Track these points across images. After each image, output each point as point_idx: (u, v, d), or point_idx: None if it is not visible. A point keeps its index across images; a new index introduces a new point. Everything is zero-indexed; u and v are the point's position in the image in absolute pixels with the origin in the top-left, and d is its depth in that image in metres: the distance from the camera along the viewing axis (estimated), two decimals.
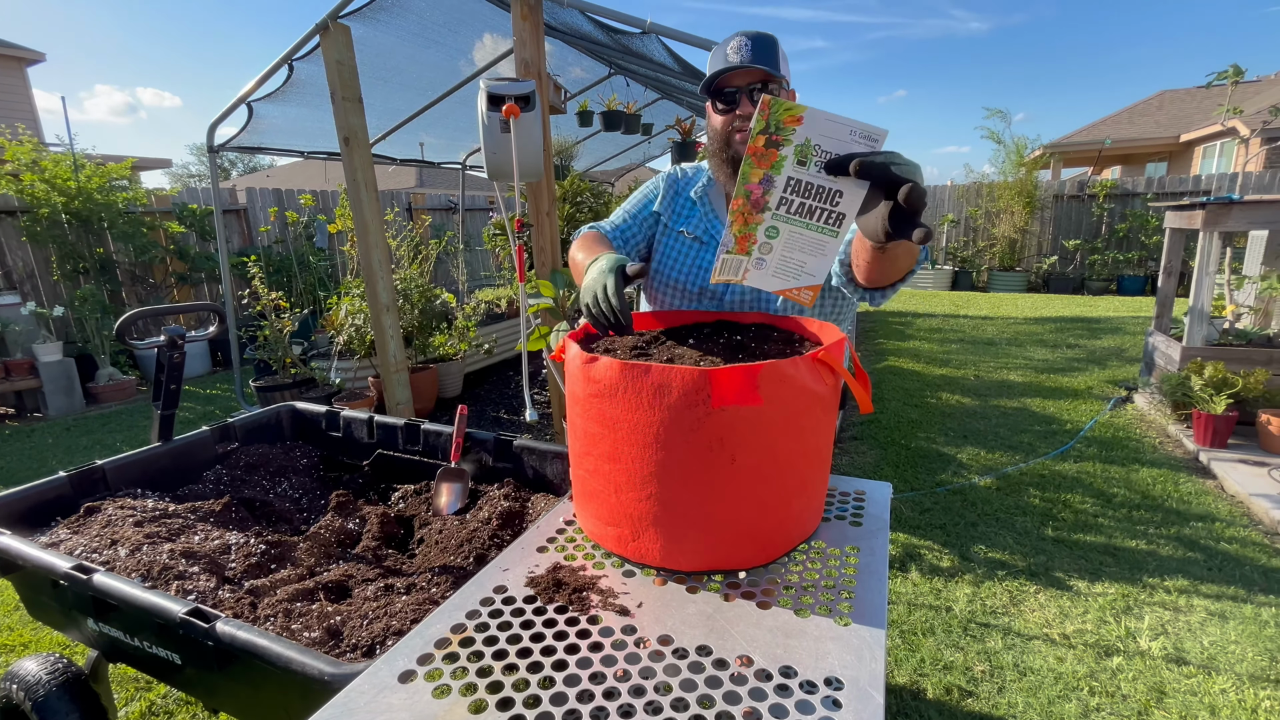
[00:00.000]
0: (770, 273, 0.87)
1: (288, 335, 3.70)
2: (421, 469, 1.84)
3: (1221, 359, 3.22)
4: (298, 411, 2.02)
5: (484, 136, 2.33)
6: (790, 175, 0.78)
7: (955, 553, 2.33)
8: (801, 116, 0.74)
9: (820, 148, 0.76)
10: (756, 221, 0.82)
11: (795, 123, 0.75)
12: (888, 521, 1.10)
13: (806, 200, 0.79)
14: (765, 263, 0.86)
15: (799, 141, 0.76)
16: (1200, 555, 2.25)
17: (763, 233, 0.83)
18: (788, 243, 0.83)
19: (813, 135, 0.75)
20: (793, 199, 0.79)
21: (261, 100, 3.58)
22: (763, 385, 0.87)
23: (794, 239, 0.83)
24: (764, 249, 0.85)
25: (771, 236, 0.83)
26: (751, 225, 0.82)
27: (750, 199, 0.80)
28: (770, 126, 0.75)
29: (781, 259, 0.85)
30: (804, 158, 0.77)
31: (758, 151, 0.77)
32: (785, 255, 0.84)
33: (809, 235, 0.82)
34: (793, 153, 0.77)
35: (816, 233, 0.81)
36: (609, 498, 0.97)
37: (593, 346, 1.11)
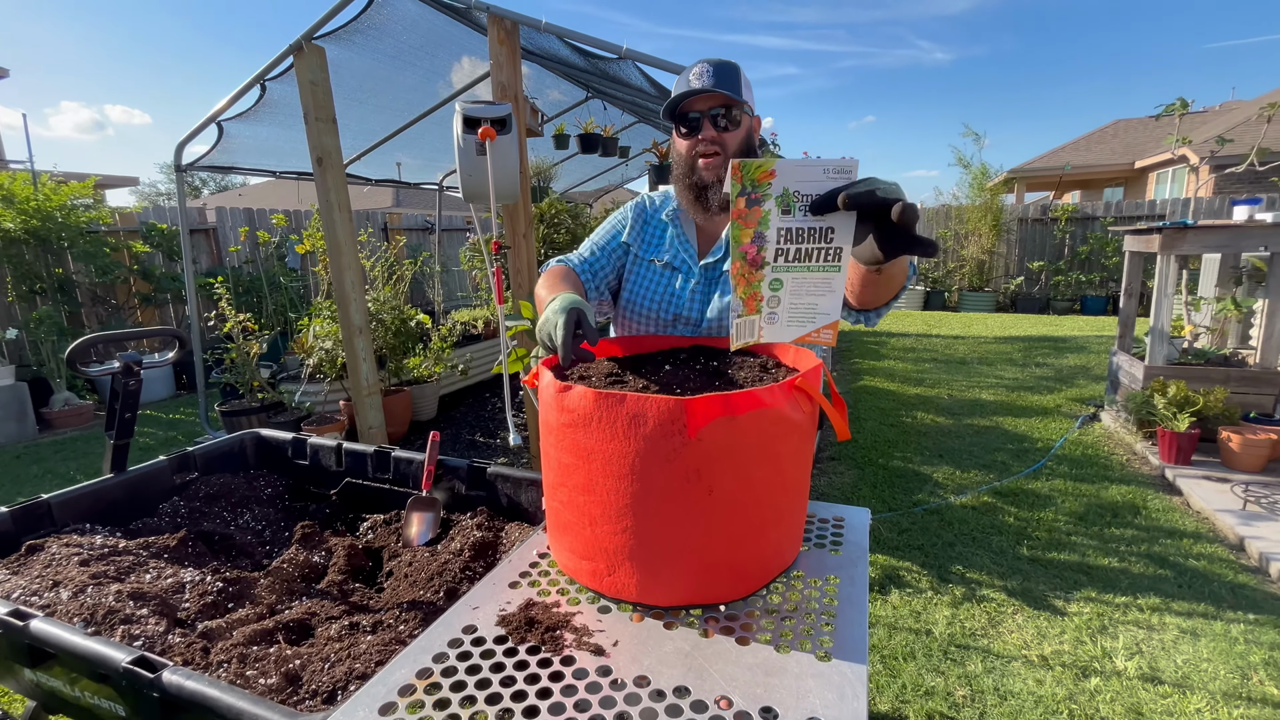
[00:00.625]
0: (784, 324, 0.86)
1: (255, 358, 3.60)
2: (392, 498, 1.78)
3: (1183, 378, 3.32)
4: (263, 439, 1.94)
5: (459, 159, 2.32)
6: (778, 226, 0.79)
7: (934, 574, 2.33)
8: (773, 170, 0.76)
9: (800, 193, 0.77)
10: (758, 279, 0.82)
11: (769, 177, 0.77)
12: (867, 548, 1.09)
13: (801, 245, 0.80)
14: (777, 316, 0.86)
15: (777, 193, 0.77)
16: (1170, 572, 2.29)
17: (767, 288, 0.83)
18: (794, 290, 0.83)
19: (789, 184, 0.77)
20: (788, 247, 0.80)
21: (232, 119, 3.52)
22: (740, 413, 0.86)
23: (799, 285, 0.83)
24: (772, 303, 0.85)
25: (776, 289, 0.84)
26: (754, 284, 0.83)
27: (747, 260, 0.81)
28: (746, 187, 0.76)
29: (791, 307, 0.85)
30: (787, 206, 0.78)
31: (741, 213, 0.78)
32: (794, 303, 0.84)
33: (813, 278, 0.82)
34: (774, 205, 0.78)
35: (819, 273, 0.82)
36: (583, 530, 0.94)
37: (567, 374, 1.09)
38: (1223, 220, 3.26)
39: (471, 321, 5.52)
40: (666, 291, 1.29)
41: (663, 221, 1.34)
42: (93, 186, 4.84)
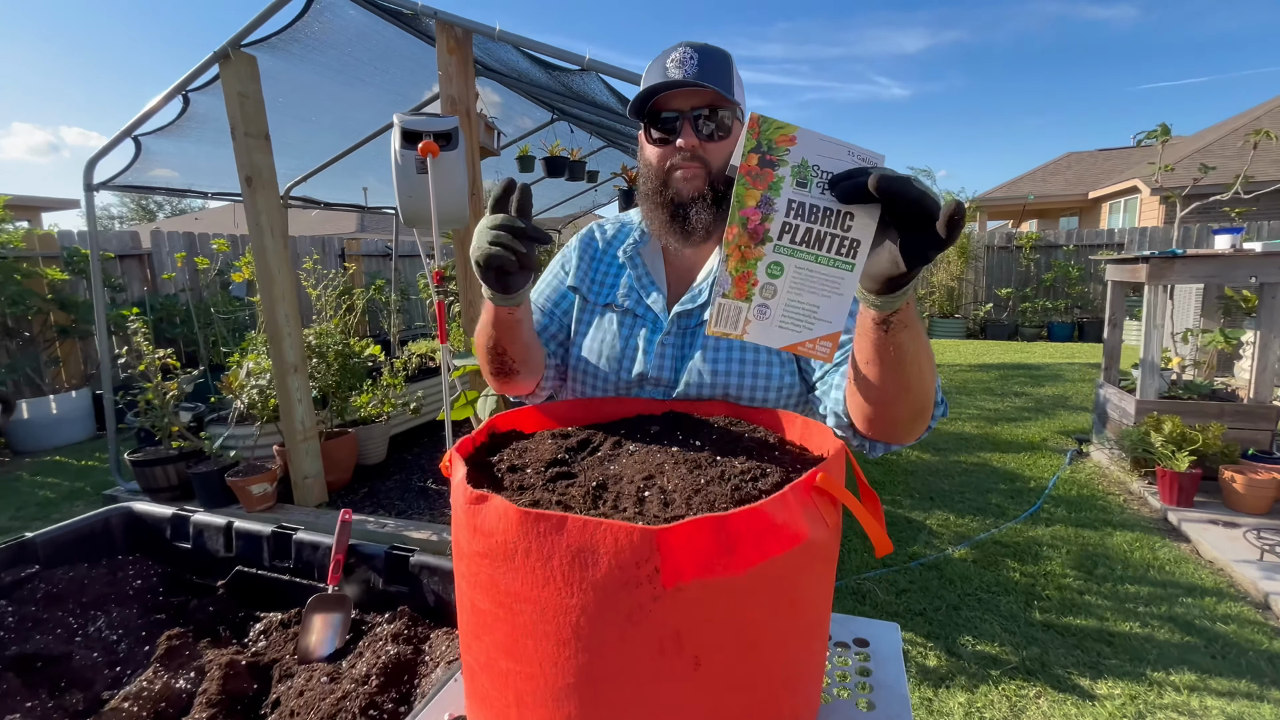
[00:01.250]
0: (776, 322, 0.67)
1: (172, 400, 3.19)
2: (294, 591, 1.43)
3: (1176, 413, 3.17)
4: (135, 516, 1.57)
5: (396, 178, 2.02)
6: (791, 198, 0.62)
7: (941, 647, 2.06)
8: (794, 136, 0.61)
9: (820, 168, 0.61)
10: (756, 256, 0.65)
11: (788, 142, 0.61)
12: (908, 698, 0.80)
13: (814, 225, 0.63)
14: (769, 310, 0.67)
15: (795, 162, 0.61)
16: (1199, 640, 2.05)
17: (764, 270, 0.65)
18: (795, 282, 0.65)
19: (809, 156, 0.61)
20: (797, 224, 0.63)
21: (152, 135, 3.17)
22: (742, 543, 0.57)
23: (802, 276, 0.65)
24: (766, 291, 0.66)
25: (775, 275, 0.65)
26: (750, 261, 0.65)
27: (747, 227, 0.63)
28: (762, 145, 0.61)
29: (788, 304, 0.66)
30: (804, 179, 0.62)
31: (752, 170, 0.61)
32: (792, 298, 0.66)
33: (820, 271, 0.64)
34: (790, 173, 0.62)
35: (828, 265, 0.64)
36: (509, 712, 0.63)
37: (494, 463, 0.78)
38: (1211, 250, 3.16)
39: (430, 353, 5.16)
40: (626, 347, 0.99)
41: (617, 259, 1.05)
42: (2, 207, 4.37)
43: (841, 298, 0.65)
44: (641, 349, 0.98)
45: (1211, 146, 12.77)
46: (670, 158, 0.90)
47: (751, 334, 0.67)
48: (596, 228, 1.13)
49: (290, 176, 4.34)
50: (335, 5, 2.71)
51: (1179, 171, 10.97)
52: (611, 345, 1.00)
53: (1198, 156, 12.25)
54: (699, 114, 0.87)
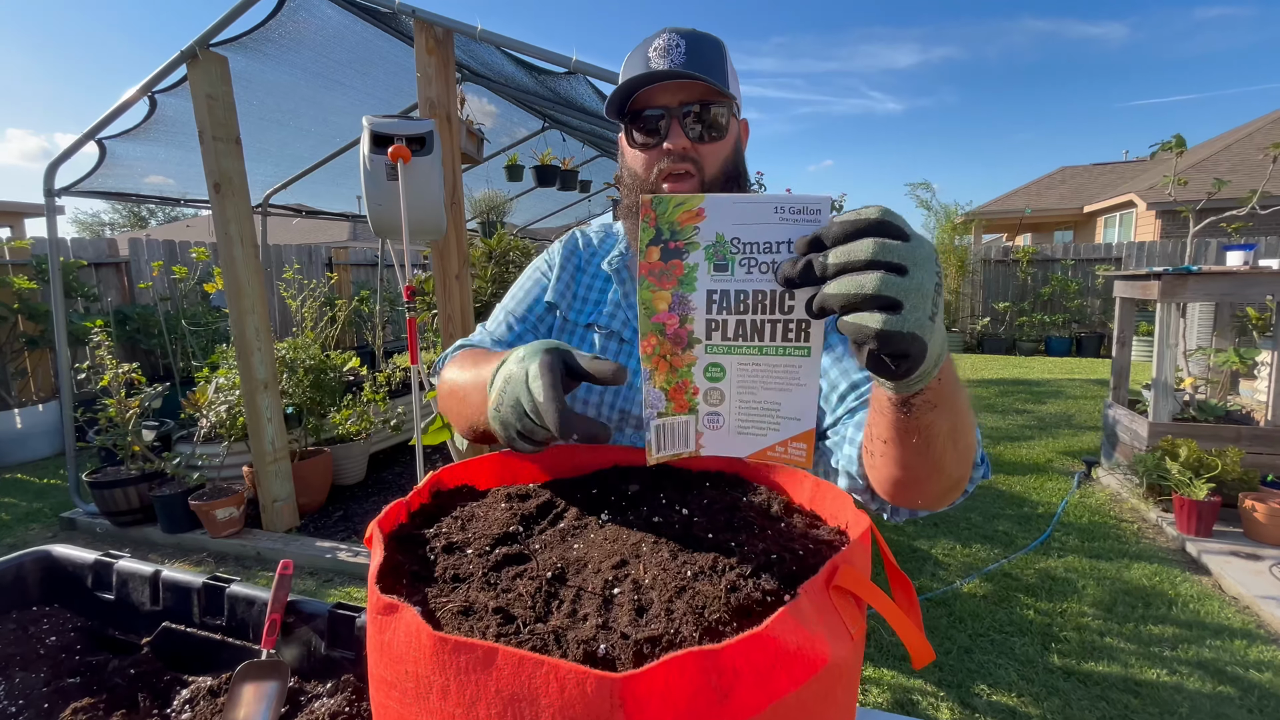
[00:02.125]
0: (732, 430, 0.56)
1: (133, 418, 3.00)
2: (228, 652, 1.26)
3: (1191, 436, 3.03)
4: (54, 561, 1.39)
5: (365, 184, 1.87)
6: (710, 288, 0.51)
7: (954, 697, 1.89)
8: (700, 209, 0.49)
9: (739, 240, 0.50)
10: (687, 362, 0.54)
11: (694, 218, 0.50)
12: None
13: (745, 315, 0.52)
14: (720, 418, 0.56)
15: (708, 241, 0.50)
16: (1233, 689, 1.89)
17: (702, 376, 0.54)
18: (742, 381, 0.54)
19: (724, 229, 0.50)
20: (724, 319, 0.52)
21: (117, 138, 3.01)
22: (741, 687, 0.41)
23: (749, 373, 0.54)
24: (712, 397, 0.55)
25: (716, 379, 0.54)
26: (682, 370, 0.54)
27: (666, 334, 0.53)
28: (663, 231, 0.50)
29: (741, 405, 0.55)
30: (722, 259, 0.51)
31: (655, 268, 0.51)
32: (744, 400, 0.55)
33: (768, 363, 0.53)
34: (704, 257, 0.51)
35: (778, 355, 0.53)
36: None
37: (429, 540, 0.62)
38: (1226, 267, 3.04)
39: None
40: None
41: (602, 272, 0.90)
42: None
43: (804, 388, 0.53)
44: (628, 381, 0.82)
45: (1204, 162, 12.82)
46: (657, 163, 0.75)
47: (707, 447, 0.56)
48: (580, 234, 0.97)
49: (269, 184, 4.19)
50: (310, 4, 2.57)
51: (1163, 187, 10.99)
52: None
53: (1191, 171, 12.27)
54: (689, 110, 0.73)
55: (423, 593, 0.52)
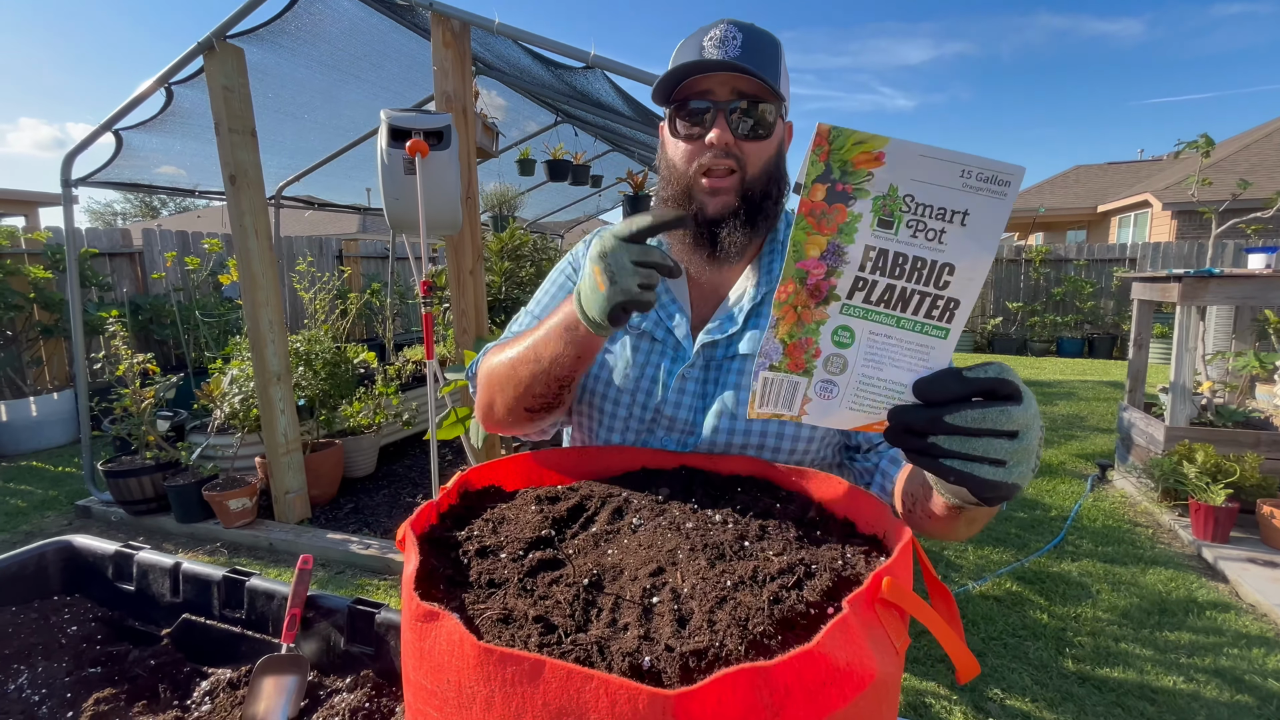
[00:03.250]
0: (844, 403, 0.53)
1: (148, 408, 3.02)
2: (247, 645, 1.26)
3: (1209, 440, 3.00)
4: (75, 552, 1.40)
5: (382, 178, 1.86)
6: (870, 244, 0.48)
7: (967, 701, 1.88)
8: (882, 153, 0.45)
9: (913, 199, 0.45)
10: (818, 318, 0.50)
11: (873, 163, 0.45)
12: None
13: (898, 281, 0.48)
14: (835, 388, 0.52)
15: (879, 191, 0.46)
16: (1251, 698, 1.87)
17: (829, 338, 0.51)
18: (871, 352, 0.51)
19: (900, 181, 0.45)
20: (876, 280, 0.49)
21: (133, 129, 3.02)
22: (791, 706, 0.40)
23: (879, 345, 0.50)
24: (833, 364, 0.52)
25: (843, 344, 0.51)
26: (810, 325, 0.50)
27: (806, 282, 0.49)
28: (833, 170, 0.45)
29: (863, 380, 0.52)
30: (889, 215, 0.46)
31: (817, 208, 0.46)
32: (868, 374, 0.51)
33: (904, 338, 0.50)
34: (871, 208, 0.46)
35: (915, 331, 0.50)
36: None
37: (462, 542, 0.62)
38: (1247, 270, 2.99)
39: (424, 360, 4.99)
40: (642, 376, 0.82)
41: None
42: None
43: (931, 370, 0.50)
44: (661, 380, 0.81)
45: (1222, 163, 12.63)
46: (698, 157, 0.72)
47: (811, 415, 0.53)
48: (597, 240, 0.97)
49: (282, 176, 4.19)
50: None
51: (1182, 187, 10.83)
52: (624, 374, 0.82)
53: (1207, 173, 12.10)
54: (736, 106, 0.70)
55: (459, 598, 0.51)
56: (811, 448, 0.78)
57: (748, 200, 0.73)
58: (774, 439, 0.77)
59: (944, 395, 0.47)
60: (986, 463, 0.46)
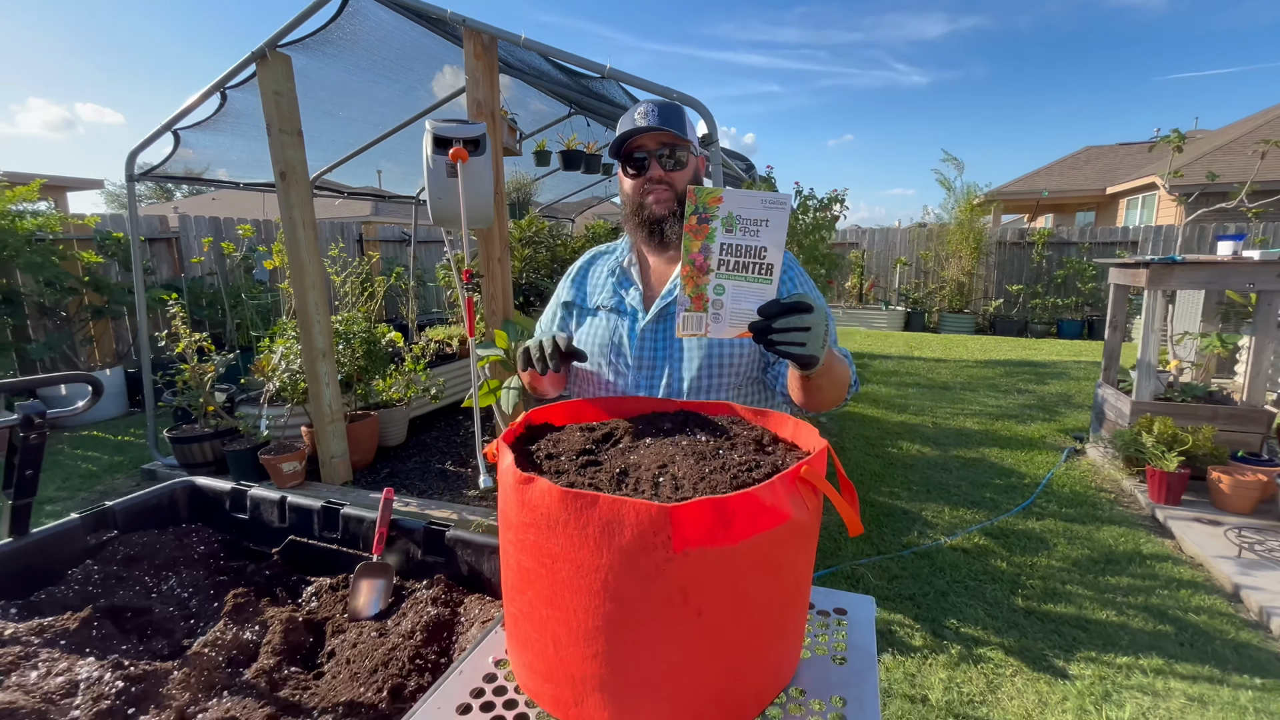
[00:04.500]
0: (726, 324, 0.95)
1: (210, 381, 3.37)
2: (341, 559, 1.60)
3: (1170, 414, 3.28)
4: (197, 489, 1.75)
5: (428, 181, 2.16)
6: (722, 241, 0.90)
7: (928, 628, 2.21)
8: (721, 197, 0.87)
9: (740, 216, 0.88)
10: (704, 282, 0.92)
11: (717, 202, 0.88)
12: (875, 655, 0.95)
13: (739, 259, 0.90)
14: (721, 316, 0.94)
15: (723, 215, 0.88)
16: (1171, 628, 2.19)
17: (711, 290, 0.92)
18: (733, 295, 0.92)
19: (733, 208, 0.87)
20: (729, 259, 0.91)
21: (190, 128, 3.32)
22: (737, 520, 0.71)
23: (738, 291, 0.92)
24: (716, 305, 0.93)
25: (719, 293, 0.92)
26: (701, 286, 0.92)
27: (695, 266, 0.91)
28: (699, 209, 0.88)
29: (732, 310, 0.93)
30: (730, 226, 0.89)
31: (693, 228, 0.88)
32: (733, 306, 0.93)
33: (749, 286, 0.92)
34: (720, 224, 0.88)
35: (754, 283, 0.92)
36: (546, 650, 0.78)
37: (533, 449, 0.94)
38: (1210, 257, 3.23)
39: (446, 339, 5.32)
40: (612, 337, 1.20)
41: (602, 272, 1.28)
42: (38, 190, 4.56)
43: (764, 301, 0.92)
44: (625, 338, 1.20)
45: (1236, 142, 12.59)
46: (642, 187, 1.15)
47: (711, 332, 0.94)
48: (587, 257, 1.38)
49: (315, 168, 4.48)
50: (368, 8, 2.84)
51: (1198, 167, 10.86)
52: (602, 336, 1.21)
53: (1219, 154, 12.09)
54: (661, 153, 1.12)
55: (540, 475, 0.83)
56: (741, 365, 1.16)
57: (679, 206, 1.14)
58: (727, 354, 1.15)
59: (771, 312, 0.87)
60: (796, 344, 0.88)
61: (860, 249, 11.30)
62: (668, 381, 1.16)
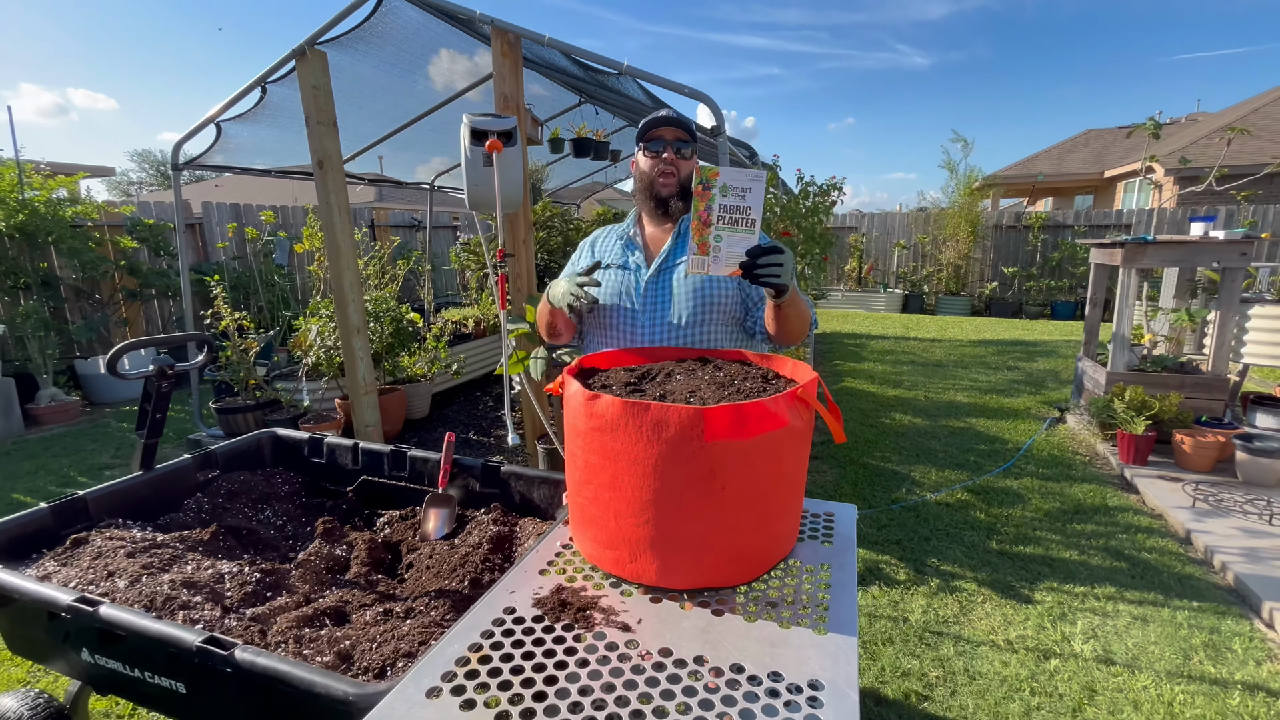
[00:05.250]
0: (723, 264, 1.26)
1: (253, 356, 3.64)
2: (406, 495, 1.87)
3: (1141, 383, 3.54)
4: (279, 438, 2.03)
5: (466, 170, 2.41)
6: (720, 203, 1.22)
7: (911, 566, 2.50)
8: (718, 172, 1.20)
9: (731, 185, 1.21)
10: (707, 233, 1.24)
11: (715, 175, 1.20)
12: (854, 540, 1.23)
13: (732, 215, 1.23)
14: (719, 258, 1.26)
15: (719, 185, 1.21)
16: (1125, 565, 2.48)
17: (712, 239, 1.24)
18: (728, 242, 1.24)
19: (726, 180, 1.20)
20: (725, 216, 1.23)
21: (231, 120, 3.55)
22: (750, 421, 0.98)
23: (731, 239, 1.24)
24: (715, 250, 1.25)
25: (718, 241, 1.24)
26: (705, 236, 1.24)
27: (701, 220, 1.23)
28: (704, 180, 1.20)
29: (727, 253, 1.25)
30: (725, 192, 1.22)
31: (699, 193, 1.21)
32: (729, 250, 1.25)
33: (739, 235, 1.24)
34: (719, 190, 1.21)
35: (742, 233, 1.24)
36: (608, 523, 1.06)
37: (590, 382, 1.20)
38: (1179, 236, 3.48)
39: (462, 320, 5.58)
40: (620, 286, 1.50)
41: (611, 239, 1.61)
42: (79, 180, 4.79)
43: (751, 245, 1.24)
44: (633, 286, 1.51)
45: (1237, 123, 12.70)
46: (656, 167, 1.47)
47: (712, 270, 1.27)
48: (598, 231, 1.70)
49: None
50: (399, 7, 3.06)
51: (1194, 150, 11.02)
52: (616, 284, 1.52)
53: (1213, 137, 12.21)
54: (678, 145, 1.45)
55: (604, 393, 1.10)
56: (725, 305, 1.47)
57: (681, 189, 1.47)
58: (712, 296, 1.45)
59: (755, 253, 1.19)
60: (773, 276, 1.20)
61: (860, 233, 11.50)
62: (668, 318, 1.47)
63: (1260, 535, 2.59)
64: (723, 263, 1.25)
